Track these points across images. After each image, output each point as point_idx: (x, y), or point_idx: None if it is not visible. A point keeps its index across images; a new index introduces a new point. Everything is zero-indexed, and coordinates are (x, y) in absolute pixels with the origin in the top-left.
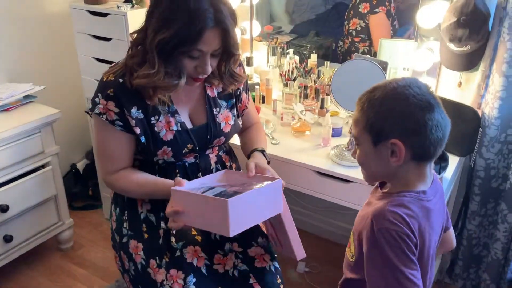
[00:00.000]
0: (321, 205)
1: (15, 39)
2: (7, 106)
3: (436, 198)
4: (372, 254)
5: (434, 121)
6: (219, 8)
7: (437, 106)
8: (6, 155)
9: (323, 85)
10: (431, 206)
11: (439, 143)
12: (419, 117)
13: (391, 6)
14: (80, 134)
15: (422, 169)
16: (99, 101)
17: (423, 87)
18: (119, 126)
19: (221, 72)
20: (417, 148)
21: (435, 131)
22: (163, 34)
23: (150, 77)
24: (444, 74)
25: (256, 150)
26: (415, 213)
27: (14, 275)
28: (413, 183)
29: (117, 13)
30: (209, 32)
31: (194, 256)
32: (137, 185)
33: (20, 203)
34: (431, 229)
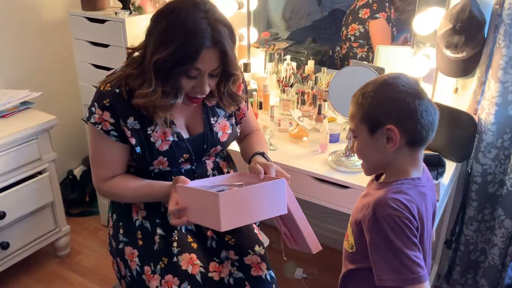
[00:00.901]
0: (319, 211)
1: (12, 45)
2: (4, 113)
3: (428, 185)
4: (375, 241)
5: (423, 106)
6: (217, 28)
7: (424, 94)
8: (3, 162)
9: (321, 91)
10: (426, 191)
11: (430, 128)
12: (410, 103)
13: (391, 12)
14: (77, 140)
15: (415, 156)
16: (95, 110)
17: (410, 78)
18: (114, 136)
19: (220, 92)
20: (410, 132)
21: (425, 115)
22: (160, 54)
23: (148, 96)
24: (441, 80)
25: (256, 154)
26: (414, 198)
27: (11, 282)
28: (408, 170)
29: (115, 19)
30: (207, 52)
31: (189, 263)
32: (131, 189)
33: (16, 209)
34: (427, 213)
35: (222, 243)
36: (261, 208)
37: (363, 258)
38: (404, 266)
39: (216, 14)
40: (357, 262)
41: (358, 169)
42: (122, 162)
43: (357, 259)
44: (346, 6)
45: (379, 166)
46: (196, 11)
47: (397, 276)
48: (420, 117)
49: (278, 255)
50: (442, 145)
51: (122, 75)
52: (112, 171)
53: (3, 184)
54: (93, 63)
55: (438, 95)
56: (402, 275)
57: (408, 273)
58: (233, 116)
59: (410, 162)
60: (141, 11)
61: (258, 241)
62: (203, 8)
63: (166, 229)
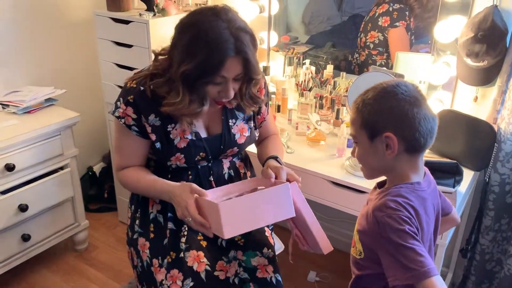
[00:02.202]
0: (334, 215)
1: (38, 43)
2: (30, 109)
3: (430, 189)
4: (381, 244)
5: (422, 114)
6: (240, 37)
7: (424, 101)
8: (27, 156)
9: (339, 96)
10: (426, 195)
11: (429, 135)
12: (408, 111)
13: (411, 21)
14: (98, 137)
15: (415, 161)
16: (120, 105)
17: (410, 85)
18: (135, 131)
19: (242, 93)
20: (408, 139)
21: (423, 123)
22: (186, 66)
23: (176, 105)
24: (460, 89)
25: (270, 158)
26: (412, 201)
27: (30, 274)
28: (408, 175)
29: (139, 21)
30: (231, 60)
31: (195, 260)
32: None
33: (39, 203)
34: (428, 217)
35: (232, 243)
36: (265, 213)
37: (372, 263)
38: (412, 261)
39: (238, 23)
40: (366, 269)
41: None
42: (141, 155)
43: (365, 266)
44: (366, 12)
45: (379, 171)
46: (219, 21)
47: (407, 273)
48: (418, 124)
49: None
50: (460, 153)
51: (147, 74)
52: (130, 162)
53: (27, 178)
54: (117, 62)
55: (457, 103)
56: (411, 271)
57: (417, 267)
58: (252, 120)
59: (410, 167)
60: (165, 13)
61: (267, 243)
62: (224, 18)
63: (176, 223)
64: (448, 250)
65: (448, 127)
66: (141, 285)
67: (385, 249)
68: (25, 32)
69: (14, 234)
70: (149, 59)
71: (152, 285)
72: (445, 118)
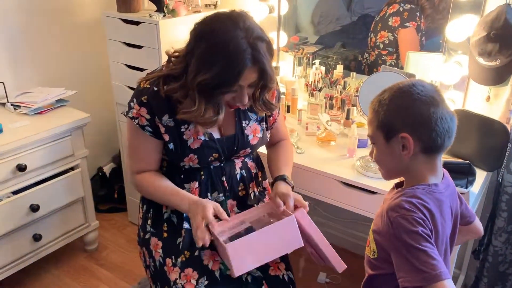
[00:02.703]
0: (344, 216)
1: (49, 44)
2: (41, 109)
3: (448, 192)
4: (394, 244)
5: (438, 114)
6: (257, 47)
7: (441, 101)
8: (38, 156)
9: (349, 96)
10: (443, 198)
11: (446, 135)
12: (423, 111)
13: (421, 21)
14: (108, 138)
15: (433, 162)
16: (133, 105)
17: (427, 85)
18: (148, 131)
19: (255, 98)
20: (424, 140)
21: (440, 123)
22: (203, 76)
23: (191, 113)
24: (473, 88)
25: (279, 178)
26: (427, 203)
27: (41, 274)
28: (425, 176)
29: (149, 21)
30: (247, 70)
31: (211, 259)
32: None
33: (49, 203)
34: (443, 220)
35: None
36: (273, 247)
37: (385, 263)
38: (423, 263)
39: (255, 32)
40: (379, 268)
41: None
42: (155, 157)
43: (379, 265)
44: (375, 12)
45: (396, 172)
46: (236, 31)
47: (418, 275)
48: (434, 124)
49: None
50: (473, 153)
51: (160, 75)
52: (144, 165)
53: (38, 178)
54: (127, 63)
55: (469, 103)
56: (422, 273)
57: (428, 270)
58: (264, 121)
59: (427, 168)
60: (175, 14)
61: None
62: (242, 26)
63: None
64: (461, 251)
65: (460, 127)
66: (155, 285)
67: (398, 250)
68: (35, 34)
69: (25, 234)
70: (159, 60)
71: (166, 285)
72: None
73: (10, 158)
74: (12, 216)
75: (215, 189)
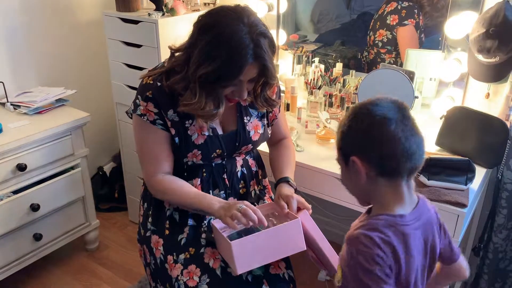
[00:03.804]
0: (343, 213)
1: (49, 44)
2: (41, 109)
3: (419, 223)
4: (349, 276)
5: (390, 135)
6: (259, 43)
7: (399, 121)
8: (38, 156)
9: (349, 94)
10: (409, 231)
11: (403, 157)
12: (373, 132)
13: (420, 18)
14: (108, 137)
15: (397, 188)
16: (139, 102)
17: (385, 104)
18: (159, 125)
19: (256, 94)
20: (375, 163)
21: (392, 144)
22: (205, 69)
23: (191, 105)
24: (472, 85)
25: (282, 180)
26: (389, 237)
27: (43, 273)
28: (390, 204)
29: (148, 20)
30: (249, 66)
31: (211, 257)
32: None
33: (50, 202)
34: (409, 256)
35: None
36: (277, 249)
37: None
38: None
39: (259, 28)
40: None
41: None
42: (169, 153)
43: None
44: (375, 10)
45: (361, 197)
46: (240, 25)
47: None
48: (385, 146)
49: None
50: (472, 150)
51: (163, 71)
52: (160, 164)
53: (38, 178)
54: (126, 62)
55: (469, 100)
56: None
57: None
58: (266, 117)
59: (391, 195)
60: (174, 13)
61: None
62: (246, 22)
63: (197, 219)
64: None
65: (460, 124)
66: (155, 282)
67: (352, 282)
68: (35, 33)
69: (26, 234)
70: (158, 59)
71: (167, 282)
72: (457, 115)
73: (10, 158)
74: (13, 216)
75: (216, 186)
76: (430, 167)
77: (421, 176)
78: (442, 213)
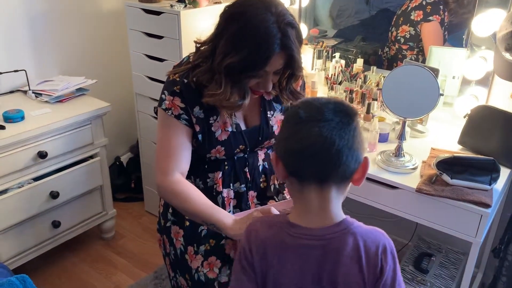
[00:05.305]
0: (361, 211)
1: (71, 33)
2: (61, 98)
3: (317, 243)
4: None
5: (295, 131)
6: (287, 33)
7: (311, 120)
8: (59, 144)
9: (370, 90)
10: (294, 242)
11: (293, 156)
12: (283, 128)
13: (445, 15)
14: (127, 128)
15: (304, 193)
16: (165, 97)
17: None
18: (184, 119)
19: (282, 87)
20: (281, 158)
21: (293, 140)
22: (231, 59)
23: (216, 96)
24: (497, 84)
25: None
26: (267, 237)
27: (60, 260)
28: (295, 207)
29: (170, 12)
30: (276, 56)
31: (232, 248)
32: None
33: (69, 190)
34: (281, 267)
35: None
36: None
37: None
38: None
39: (287, 17)
40: None
41: (407, 170)
42: (188, 151)
43: None
44: (394, 6)
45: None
46: (268, 15)
47: None
48: (286, 143)
49: None
50: (496, 150)
51: (189, 67)
52: (177, 161)
53: (58, 166)
54: (147, 53)
55: (493, 99)
56: None
57: None
58: None
59: (297, 198)
60: (196, 5)
61: None
62: (274, 11)
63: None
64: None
65: (484, 123)
66: (174, 273)
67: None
68: (57, 23)
69: (45, 220)
70: (180, 51)
71: (186, 273)
72: (481, 114)
73: (32, 145)
74: (33, 203)
75: (237, 180)
76: (454, 165)
77: (444, 175)
78: (465, 212)
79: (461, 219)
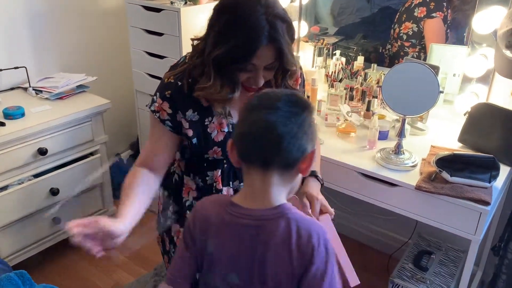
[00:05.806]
0: (361, 208)
1: (71, 30)
2: (62, 95)
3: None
4: None
5: (245, 117)
6: (275, 26)
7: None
8: (59, 141)
9: (370, 88)
10: (232, 220)
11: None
12: (239, 115)
13: (448, 12)
14: (127, 125)
15: (249, 176)
16: (156, 99)
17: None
18: (168, 126)
19: (278, 85)
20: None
21: (242, 125)
22: (219, 50)
23: (206, 89)
24: (497, 82)
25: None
26: (211, 214)
27: (59, 257)
28: (242, 190)
29: (170, 9)
30: (263, 49)
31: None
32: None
33: (69, 187)
34: (220, 244)
35: None
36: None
37: None
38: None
39: (276, 10)
40: None
41: (407, 168)
42: (166, 157)
43: None
44: (396, 4)
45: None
46: (257, 6)
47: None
48: (238, 128)
49: None
50: (496, 147)
51: (186, 68)
52: (151, 159)
53: (58, 163)
54: (147, 51)
55: (493, 97)
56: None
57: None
58: None
59: (245, 182)
60: (196, 2)
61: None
62: (264, 3)
63: None
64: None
65: (484, 121)
66: None
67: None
68: (57, 20)
69: (45, 217)
70: (180, 48)
71: None
72: (481, 112)
73: (32, 142)
74: (33, 199)
75: (236, 178)
76: (454, 163)
77: (444, 172)
78: (464, 210)
79: (460, 217)
